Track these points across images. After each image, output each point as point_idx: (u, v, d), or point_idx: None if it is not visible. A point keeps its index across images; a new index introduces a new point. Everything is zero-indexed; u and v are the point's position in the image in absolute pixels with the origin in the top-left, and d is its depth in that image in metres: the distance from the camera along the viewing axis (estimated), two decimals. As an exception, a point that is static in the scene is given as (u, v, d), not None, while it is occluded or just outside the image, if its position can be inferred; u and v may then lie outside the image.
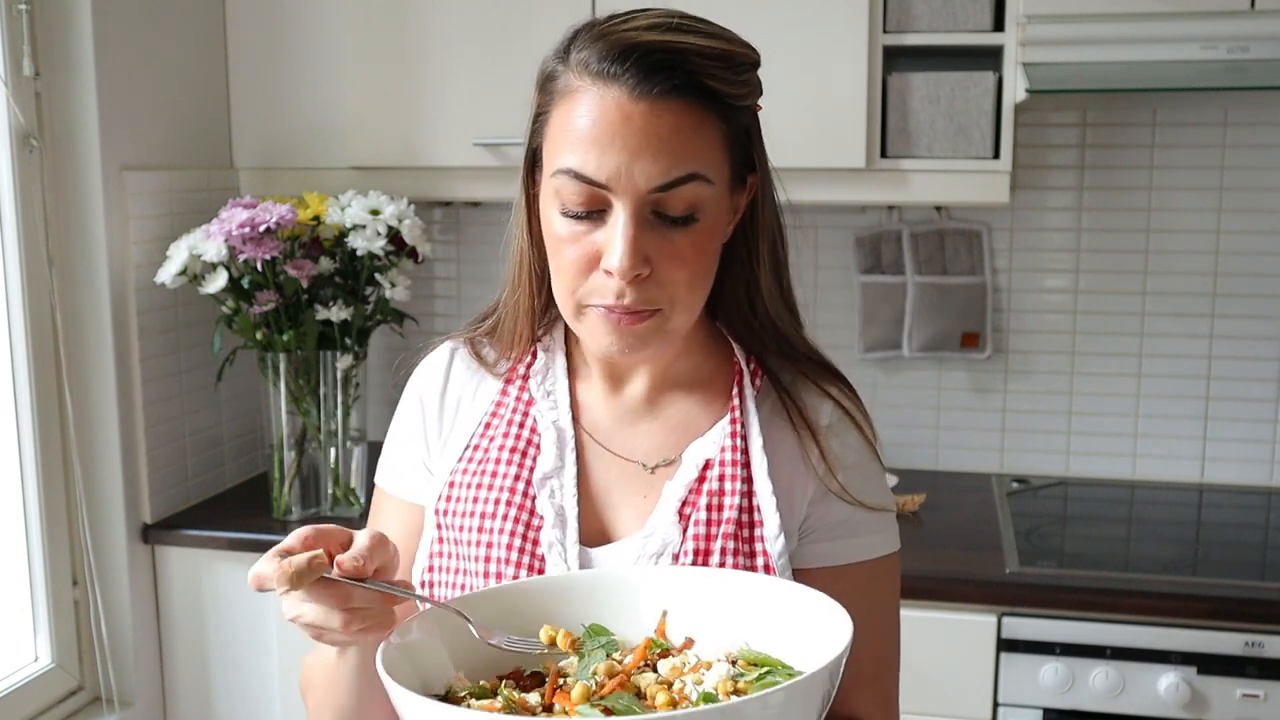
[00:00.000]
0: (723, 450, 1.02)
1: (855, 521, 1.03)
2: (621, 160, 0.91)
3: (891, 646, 1.07)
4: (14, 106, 2.00)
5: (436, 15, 2.24)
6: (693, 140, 0.92)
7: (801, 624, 0.87)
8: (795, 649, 0.87)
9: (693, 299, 0.97)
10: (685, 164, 0.92)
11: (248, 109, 2.45)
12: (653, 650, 0.90)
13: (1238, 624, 1.84)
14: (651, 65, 0.91)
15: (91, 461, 2.16)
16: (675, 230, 0.94)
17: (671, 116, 0.91)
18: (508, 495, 1.03)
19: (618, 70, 0.91)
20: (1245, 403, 2.42)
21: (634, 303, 0.94)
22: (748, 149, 1.00)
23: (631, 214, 0.92)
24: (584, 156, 0.92)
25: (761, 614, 0.91)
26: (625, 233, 0.92)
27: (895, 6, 2.12)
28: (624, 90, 0.91)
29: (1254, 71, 1.97)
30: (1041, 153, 2.43)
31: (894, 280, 2.46)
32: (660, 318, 0.96)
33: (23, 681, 2.06)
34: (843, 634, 0.82)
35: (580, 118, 0.93)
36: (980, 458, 2.54)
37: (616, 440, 1.06)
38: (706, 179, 0.94)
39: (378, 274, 2.22)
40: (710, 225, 0.96)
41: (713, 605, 0.93)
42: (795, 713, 0.76)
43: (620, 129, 0.91)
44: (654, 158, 0.91)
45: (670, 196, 0.92)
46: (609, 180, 0.92)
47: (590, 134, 0.92)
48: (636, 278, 0.93)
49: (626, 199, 0.92)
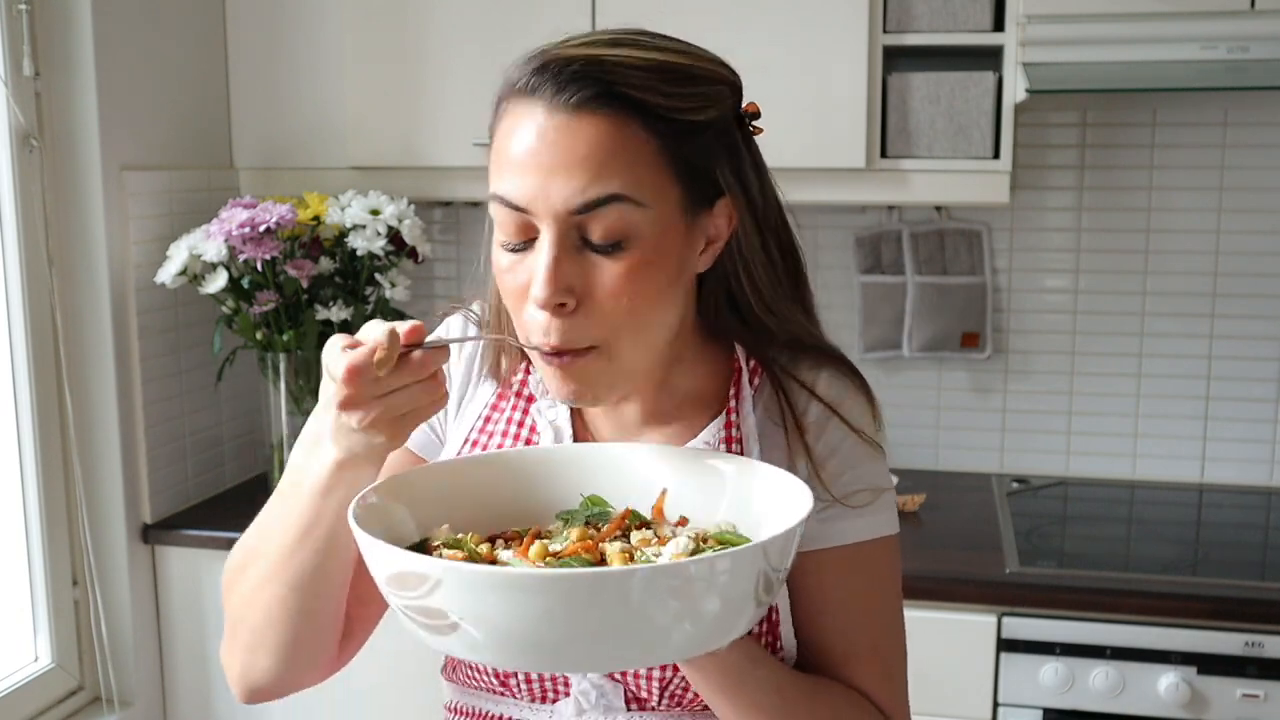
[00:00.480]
0: (720, 445, 1.02)
1: (840, 507, 1.02)
2: (537, 180, 0.86)
3: (892, 627, 1.05)
4: (14, 106, 2.00)
5: (436, 15, 2.24)
6: (615, 158, 0.86)
7: (788, 514, 0.87)
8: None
9: (639, 335, 0.91)
10: (603, 183, 0.86)
11: (248, 109, 2.45)
12: (631, 521, 0.91)
13: (1238, 624, 1.84)
14: (567, 76, 0.86)
15: (91, 461, 2.16)
16: (604, 258, 0.88)
17: (589, 131, 0.86)
18: (509, 444, 1.04)
19: (536, 83, 0.88)
20: (1245, 403, 2.42)
21: (559, 340, 0.88)
22: (706, 175, 0.93)
23: (553, 239, 0.87)
24: (507, 180, 0.88)
25: (754, 498, 0.92)
26: (544, 259, 0.87)
27: (895, 6, 2.12)
28: (541, 105, 0.87)
29: (1254, 71, 1.97)
30: (1041, 153, 2.43)
31: (894, 280, 2.46)
32: (598, 356, 0.90)
33: (23, 681, 2.06)
34: (797, 513, 0.83)
35: (505, 137, 0.89)
36: (980, 458, 2.54)
37: (613, 437, 1.06)
38: (634, 200, 0.87)
39: (378, 274, 2.22)
40: (648, 254, 0.89)
41: (711, 487, 0.94)
42: (712, 584, 0.76)
43: (536, 146, 0.86)
44: (568, 176, 0.86)
45: (591, 219, 0.87)
46: (529, 203, 0.87)
47: (512, 155, 0.88)
48: (561, 308, 0.87)
49: (547, 222, 0.87)
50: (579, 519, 0.92)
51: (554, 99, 0.86)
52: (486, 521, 0.93)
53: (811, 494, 0.86)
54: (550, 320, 0.88)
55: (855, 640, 1.01)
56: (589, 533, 0.88)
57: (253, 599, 1.00)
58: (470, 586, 0.74)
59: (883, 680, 1.02)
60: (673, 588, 0.74)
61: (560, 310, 0.88)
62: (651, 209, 0.88)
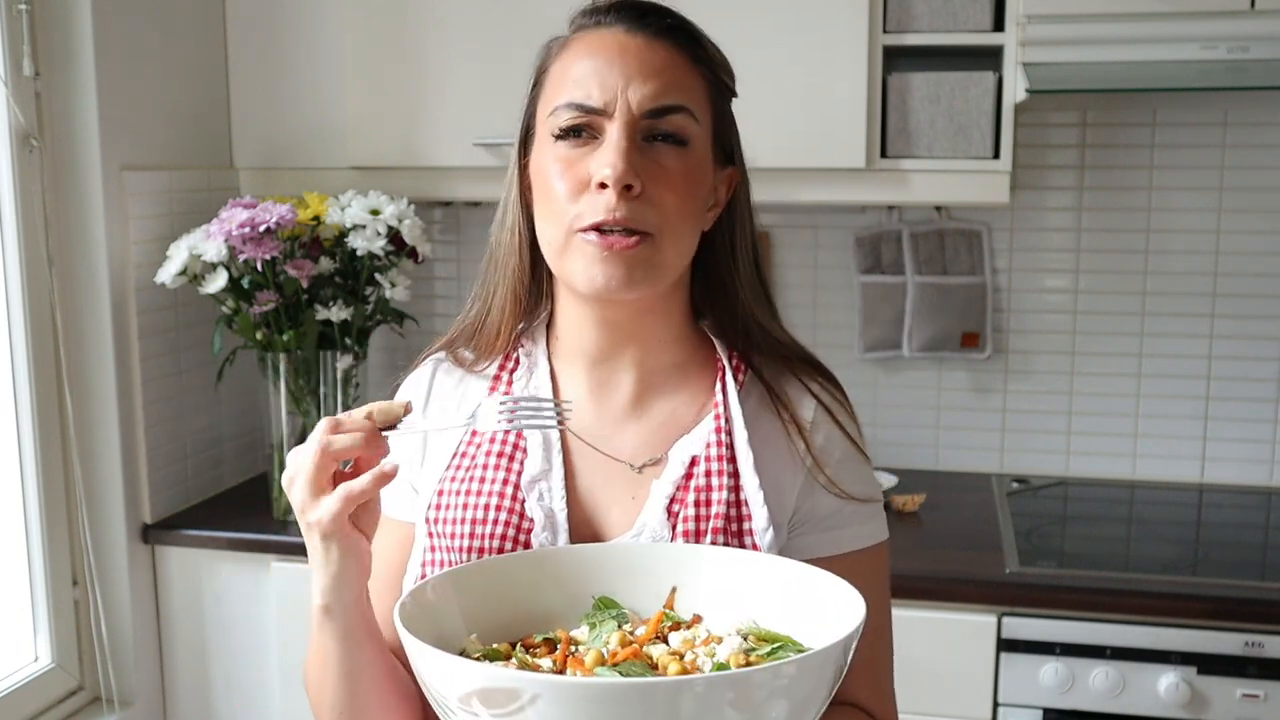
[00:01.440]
0: (708, 446, 1.03)
1: (844, 513, 1.04)
2: (618, 84, 0.96)
3: (884, 634, 1.08)
4: (14, 106, 2.00)
5: (436, 15, 2.24)
6: (681, 79, 0.99)
7: (809, 603, 0.88)
8: (803, 627, 0.88)
9: (681, 231, 0.99)
10: (676, 94, 0.98)
11: (248, 109, 2.45)
12: (664, 623, 0.91)
13: (1238, 624, 1.84)
14: (642, 10, 1.00)
15: (91, 461, 2.16)
16: (666, 154, 0.97)
17: (665, 52, 0.99)
18: (496, 500, 1.03)
19: (612, 17, 1.00)
20: (1245, 403, 2.42)
21: (625, 217, 0.95)
22: (728, 134, 1.05)
23: (625, 132, 0.96)
24: (583, 88, 0.97)
25: (768, 593, 0.92)
26: (619, 145, 0.95)
27: (895, 6, 2.12)
28: (619, 29, 0.99)
29: (1254, 71, 1.97)
30: (1041, 153, 2.43)
31: (894, 280, 2.46)
32: (649, 245, 0.97)
33: (23, 681, 2.06)
34: (855, 611, 0.83)
35: (579, 57, 0.99)
36: (980, 458, 2.54)
37: (603, 441, 1.06)
38: (694, 117, 0.99)
39: (378, 274, 2.22)
40: (698, 162, 1.00)
41: (720, 583, 0.94)
42: (807, 685, 0.77)
43: (617, 57, 0.97)
44: (647, 82, 0.97)
45: (661, 123, 0.97)
46: (606, 104, 0.97)
47: (589, 67, 0.98)
48: (628, 190, 0.95)
49: (620, 119, 0.96)
50: (608, 623, 0.91)
51: (633, 25, 0.99)
52: (500, 627, 0.93)
53: (855, 590, 0.87)
54: (617, 200, 0.95)
55: (853, 658, 1.02)
56: (626, 636, 0.88)
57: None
58: (571, 700, 0.73)
59: (874, 687, 1.06)
60: (780, 688, 0.75)
61: (627, 193, 0.95)
62: (703, 130, 1.01)
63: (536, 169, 1.02)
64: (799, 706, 0.77)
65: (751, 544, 1.00)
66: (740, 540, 1.00)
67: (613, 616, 0.92)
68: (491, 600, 0.94)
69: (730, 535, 1.00)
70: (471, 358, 1.10)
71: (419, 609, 0.88)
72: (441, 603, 0.91)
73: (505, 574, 0.96)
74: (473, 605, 0.92)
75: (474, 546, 1.02)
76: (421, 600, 0.90)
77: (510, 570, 0.97)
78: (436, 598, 0.91)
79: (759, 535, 1.00)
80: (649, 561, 0.96)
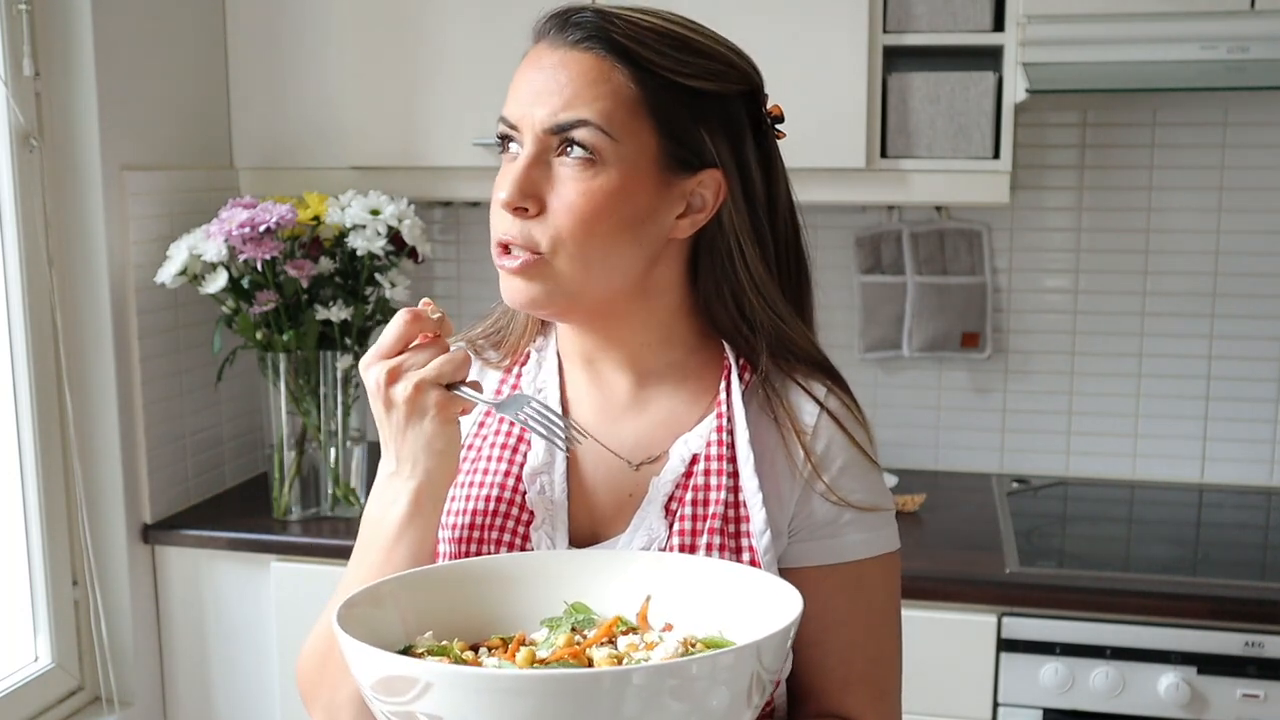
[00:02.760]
0: (708, 445, 1.02)
1: (842, 522, 1.02)
2: (526, 100, 0.97)
3: (887, 646, 1.05)
4: (14, 106, 2.00)
5: (436, 15, 2.24)
6: (593, 89, 0.96)
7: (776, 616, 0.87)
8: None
9: (585, 250, 0.96)
10: (579, 108, 0.95)
11: (248, 109, 2.45)
12: (618, 628, 0.90)
13: (1238, 624, 1.84)
14: (570, 21, 0.98)
15: (91, 461, 2.16)
16: (567, 170, 0.96)
17: (577, 65, 0.96)
18: (498, 491, 1.03)
19: (546, 27, 1.00)
20: (1245, 403, 2.42)
21: (512, 237, 0.96)
22: (688, 138, 0.98)
23: (529, 150, 0.97)
24: (509, 105, 0.99)
25: (740, 603, 0.91)
26: (518, 164, 0.96)
27: (895, 6, 2.12)
28: (546, 43, 0.99)
29: (1254, 71, 1.97)
30: (1041, 153, 2.43)
31: (894, 280, 2.46)
32: (541, 265, 0.97)
33: (23, 681, 2.06)
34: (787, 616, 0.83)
35: (518, 71, 1.01)
36: (980, 458, 2.54)
37: (605, 436, 1.06)
38: (604, 130, 0.95)
39: (378, 274, 2.22)
40: (609, 183, 0.96)
41: (696, 593, 0.93)
42: (707, 685, 0.76)
43: (533, 75, 0.98)
44: (551, 98, 0.96)
45: (564, 138, 0.96)
46: (517, 120, 0.98)
47: (517, 83, 0.99)
48: (522, 212, 0.96)
49: (527, 136, 0.97)
50: (564, 625, 0.91)
51: (556, 38, 0.98)
52: (469, 629, 0.92)
53: (801, 597, 0.86)
54: (510, 219, 0.97)
55: (853, 661, 1.01)
56: (575, 639, 0.88)
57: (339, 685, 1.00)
58: (461, 689, 0.73)
59: (877, 701, 1.03)
60: (665, 688, 0.74)
61: (519, 213, 0.96)
62: (622, 145, 0.96)
63: None
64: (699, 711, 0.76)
65: (748, 546, 0.99)
66: (737, 541, 0.99)
67: (576, 621, 0.92)
68: (460, 603, 0.94)
69: (727, 536, 0.99)
70: (495, 357, 1.12)
71: (370, 607, 0.89)
72: (396, 602, 0.91)
73: (477, 577, 0.95)
74: (436, 607, 0.92)
75: (473, 537, 1.02)
76: (375, 597, 0.90)
77: (482, 574, 0.96)
78: (391, 597, 0.91)
79: (756, 537, 0.99)
80: (628, 568, 0.96)
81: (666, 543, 1.00)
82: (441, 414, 0.93)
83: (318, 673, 1.03)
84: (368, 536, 1.00)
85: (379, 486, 1.00)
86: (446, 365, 0.93)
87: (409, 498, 0.96)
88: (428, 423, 0.94)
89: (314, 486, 2.27)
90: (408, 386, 0.93)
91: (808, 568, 1.01)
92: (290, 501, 2.25)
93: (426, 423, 0.94)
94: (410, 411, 0.93)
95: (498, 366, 1.12)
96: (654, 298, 1.03)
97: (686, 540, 0.99)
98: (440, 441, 0.94)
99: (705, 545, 0.99)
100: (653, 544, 1.00)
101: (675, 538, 1.00)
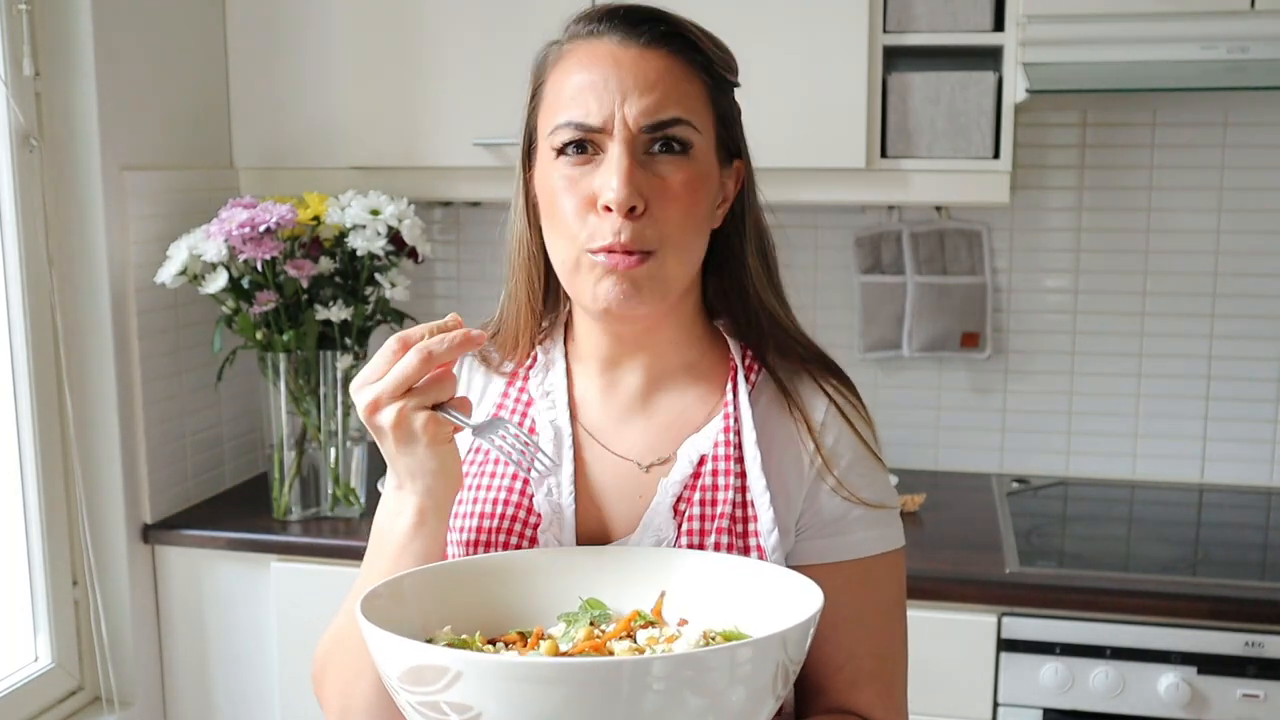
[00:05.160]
0: (716, 446, 1.02)
1: (851, 519, 1.03)
2: (615, 100, 0.96)
3: (895, 643, 1.06)
4: (14, 106, 2.00)
5: (436, 15, 2.24)
6: (678, 88, 0.97)
7: (793, 610, 0.88)
8: None
9: (685, 243, 0.99)
10: (674, 106, 0.97)
11: (248, 109, 2.45)
12: (637, 622, 0.91)
13: (1238, 624, 1.84)
14: (636, 17, 0.99)
15: (91, 461, 2.16)
16: (668, 165, 0.97)
17: (659, 61, 0.97)
18: (505, 494, 1.04)
19: (606, 26, 0.99)
20: (1245, 403, 2.42)
21: (630, 240, 0.95)
22: (732, 130, 1.04)
23: (625, 149, 0.95)
24: (580, 106, 0.97)
25: (755, 598, 0.92)
26: (620, 165, 0.95)
27: (895, 6, 2.12)
28: (614, 40, 0.98)
29: (1254, 71, 1.97)
30: (1041, 153, 2.43)
31: (894, 280, 2.46)
32: (655, 262, 0.97)
33: (23, 681, 2.06)
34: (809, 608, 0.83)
35: (574, 72, 0.98)
36: (980, 458, 2.54)
37: (613, 438, 1.06)
38: (693, 125, 0.98)
39: (378, 274, 2.21)
40: (701, 171, 0.99)
41: (710, 588, 0.94)
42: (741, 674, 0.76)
43: (612, 71, 0.96)
44: (642, 97, 0.96)
45: (661, 135, 0.97)
46: (604, 122, 0.96)
47: (585, 83, 0.97)
48: (631, 212, 0.95)
49: (619, 137, 0.96)
50: (582, 620, 0.92)
51: (626, 36, 0.98)
52: (485, 623, 0.93)
53: (820, 590, 0.87)
54: (622, 222, 0.95)
55: (861, 658, 1.02)
56: (595, 632, 0.89)
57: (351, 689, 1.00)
58: (492, 678, 0.73)
59: (885, 697, 1.04)
60: (690, 678, 0.74)
61: (631, 214, 0.95)
62: (704, 137, 0.99)
63: (542, 185, 1.01)
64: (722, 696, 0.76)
65: (756, 545, 1.00)
66: (745, 541, 1.00)
67: (593, 616, 0.92)
68: (477, 598, 0.94)
69: (735, 536, 1.00)
70: (497, 358, 1.12)
71: (391, 599, 0.89)
72: (417, 596, 0.92)
73: (493, 573, 0.96)
74: (456, 601, 0.93)
75: (480, 540, 1.02)
76: (396, 590, 0.91)
77: (498, 569, 0.97)
78: (412, 590, 0.92)
79: (764, 537, 1.00)
80: (640, 565, 0.96)
81: (675, 543, 1.00)
82: (430, 437, 0.93)
83: (335, 667, 1.03)
84: (376, 544, 1.00)
85: (386, 496, 1.00)
86: (429, 388, 0.92)
87: (413, 511, 0.96)
88: (419, 447, 0.93)
89: (314, 486, 2.27)
90: (391, 414, 0.92)
91: (815, 565, 1.01)
92: (290, 502, 2.25)
93: (417, 447, 0.93)
94: (399, 438, 0.93)
95: (504, 373, 1.11)
96: (689, 292, 1.06)
97: (695, 540, 1.00)
98: (433, 462, 0.94)
99: (713, 545, 0.99)
100: (661, 544, 1.01)
101: (683, 538, 1.00)
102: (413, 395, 0.92)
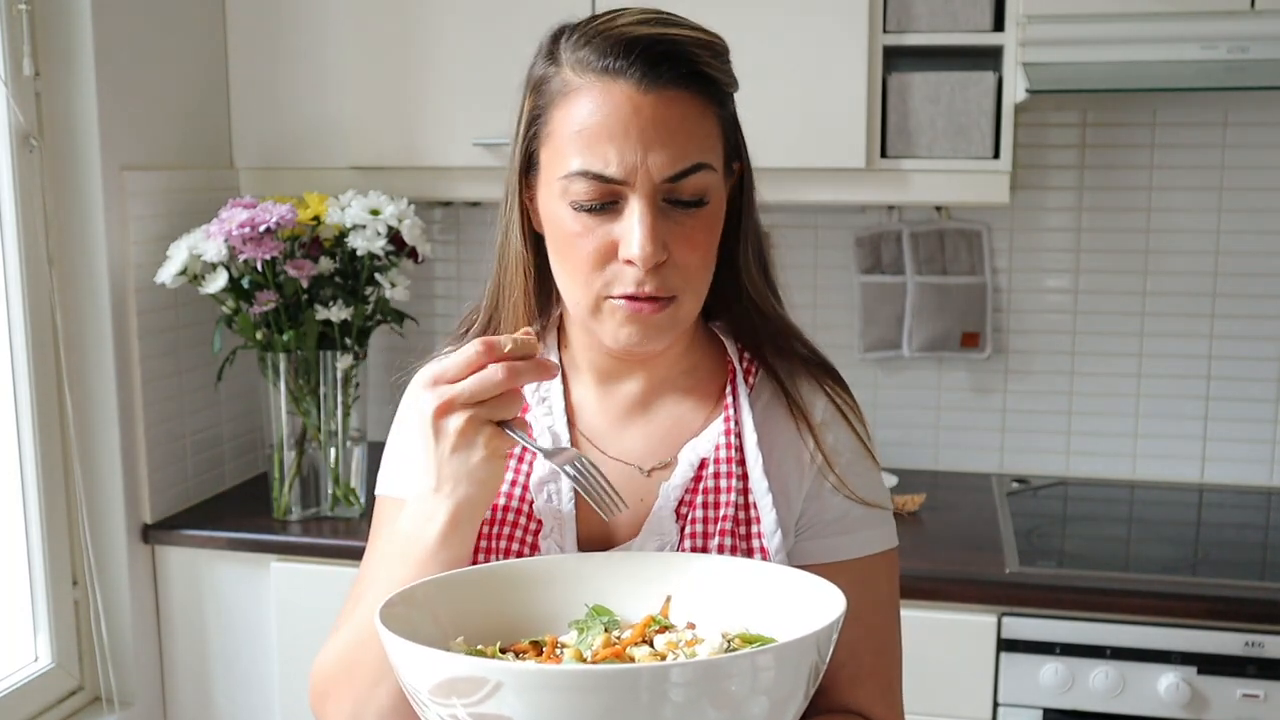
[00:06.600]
0: (717, 449, 1.02)
1: (851, 518, 1.03)
2: (637, 154, 0.92)
3: (892, 641, 1.07)
4: (14, 106, 2.00)
5: (436, 15, 2.24)
6: (698, 129, 0.95)
7: (800, 608, 0.88)
8: (796, 633, 0.88)
9: (701, 285, 0.99)
10: (693, 154, 0.94)
11: (248, 109, 2.45)
12: (652, 627, 0.90)
13: (1238, 624, 1.84)
14: (655, 57, 0.93)
15: (91, 461, 2.16)
16: (687, 215, 0.95)
17: (678, 107, 0.94)
18: (504, 501, 1.03)
19: (623, 65, 0.93)
20: (1245, 403, 2.42)
21: (655, 289, 0.94)
22: (733, 136, 1.02)
23: (647, 204, 0.93)
24: (598, 155, 0.93)
25: (762, 599, 0.92)
26: (644, 222, 0.93)
27: (895, 6, 2.12)
28: (631, 84, 0.93)
29: (1254, 71, 1.97)
30: (1041, 153, 2.43)
31: (894, 280, 2.46)
32: (675, 306, 0.97)
33: (23, 681, 2.06)
34: (834, 608, 0.83)
35: (589, 115, 0.93)
36: (980, 458, 2.54)
37: (612, 444, 1.06)
38: (711, 167, 0.96)
39: (378, 274, 2.22)
40: (715, 210, 0.98)
41: (715, 591, 0.94)
42: (778, 677, 0.76)
43: (632, 122, 0.92)
44: (664, 148, 0.93)
45: (681, 185, 0.94)
46: (625, 175, 0.93)
47: (602, 131, 0.93)
48: (656, 265, 0.94)
49: (641, 190, 0.93)
50: (595, 627, 0.91)
51: (644, 78, 0.93)
52: (496, 632, 0.92)
53: (840, 591, 0.86)
54: (645, 274, 0.94)
55: (861, 655, 1.02)
56: (611, 639, 0.88)
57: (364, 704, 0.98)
58: (534, 688, 0.72)
59: (883, 696, 1.05)
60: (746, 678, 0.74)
61: (655, 266, 0.94)
62: (718, 172, 0.98)
63: (550, 219, 0.98)
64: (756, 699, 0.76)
65: (760, 547, 1.00)
66: (748, 543, 1.00)
67: (603, 623, 0.92)
68: (484, 606, 0.93)
69: (738, 538, 1.00)
70: None
71: (407, 609, 0.88)
72: (430, 606, 0.91)
73: (499, 581, 0.95)
74: (464, 610, 0.92)
75: (481, 547, 1.02)
76: (410, 601, 0.89)
77: (504, 577, 0.96)
78: (425, 600, 0.91)
79: (767, 538, 1.00)
80: (644, 570, 0.96)
81: (678, 546, 1.00)
82: (490, 450, 0.91)
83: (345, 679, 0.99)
84: (399, 550, 0.96)
85: (416, 501, 0.96)
86: (502, 403, 0.91)
87: (447, 515, 0.93)
88: (475, 457, 0.91)
89: (314, 487, 2.27)
90: (460, 421, 0.90)
91: (816, 565, 1.01)
92: (290, 501, 2.25)
93: (474, 456, 0.91)
94: (459, 444, 0.91)
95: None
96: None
97: (698, 543, 1.00)
98: (483, 473, 0.92)
99: (716, 547, 0.99)
100: (665, 548, 1.01)
101: (686, 541, 1.00)
102: (485, 406, 0.90)
